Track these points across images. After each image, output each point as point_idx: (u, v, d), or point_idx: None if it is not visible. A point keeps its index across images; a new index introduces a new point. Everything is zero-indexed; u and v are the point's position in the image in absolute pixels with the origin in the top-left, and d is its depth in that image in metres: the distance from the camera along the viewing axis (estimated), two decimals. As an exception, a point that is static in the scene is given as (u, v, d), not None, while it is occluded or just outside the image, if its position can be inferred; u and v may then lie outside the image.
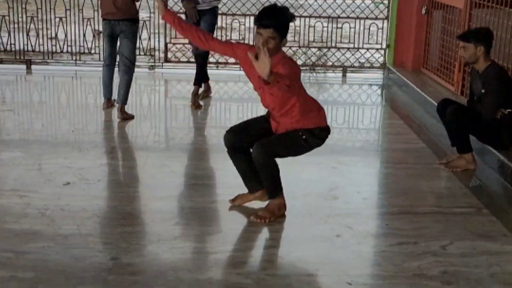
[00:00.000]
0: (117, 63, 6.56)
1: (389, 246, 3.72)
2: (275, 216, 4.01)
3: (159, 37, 9.00)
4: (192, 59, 8.34)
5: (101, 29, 6.92)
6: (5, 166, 4.94)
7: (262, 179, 4.02)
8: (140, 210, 4.26)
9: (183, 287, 3.20)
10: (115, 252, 3.53)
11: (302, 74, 3.95)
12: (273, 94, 3.74)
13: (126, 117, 6.29)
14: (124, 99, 6.32)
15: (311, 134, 3.96)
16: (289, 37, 4.03)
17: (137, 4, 6.41)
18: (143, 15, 8.84)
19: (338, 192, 4.54)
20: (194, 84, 7.07)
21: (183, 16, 7.53)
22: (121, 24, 6.29)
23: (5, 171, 4.81)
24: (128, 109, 6.38)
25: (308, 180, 4.69)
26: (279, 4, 3.92)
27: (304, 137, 3.94)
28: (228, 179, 4.69)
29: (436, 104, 5.46)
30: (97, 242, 3.71)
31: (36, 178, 4.65)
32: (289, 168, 4.29)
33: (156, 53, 9.00)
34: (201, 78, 7.14)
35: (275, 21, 3.73)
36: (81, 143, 5.63)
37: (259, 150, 3.86)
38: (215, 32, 7.25)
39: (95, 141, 5.79)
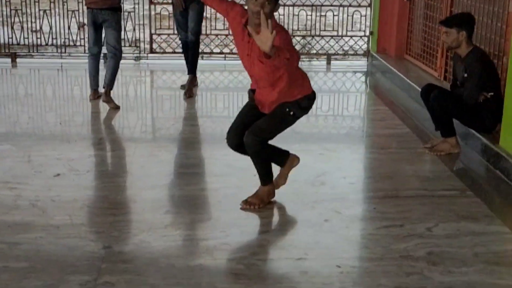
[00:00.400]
0: (102, 55, 6.59)
1: (376, 229, 3.79)
2: (264, 202, 4.05)
3: (144, 28, 9.00)
4: (178, 50, 8.37)
5: (85, 21, 6.93)
6: (-6, 158, 4.97)
7: (254, 166, 4.01)
8: (130, 200, 4.29)
9: (175, 273, 3.24)
10: (107, 241, 3.57)
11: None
12: (263, 62, 3.47)
13: (113, 105, 6.31)
14: (110, 83, 6.34)
15: (298, 107, 3.93)
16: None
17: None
18: (127, 6, 8.86)
19: (325, 178, 4.60)
20: (188, 73, 7.10)
21: (169, 7, 7.54)
22: (104, 13, 6.31)
23: (-6, 164, 4.84)
24: (115, 100, 6.39)
25: (296, 167, 4.73)
26: None
27: (291, 112, 3.92)
28: (216, 167, 4.76)
29: (419, 89, 5.52)
30: (89, 231, 3.74)
31: (26, 170, 4.67)
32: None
33: (141, 44, 9.01)
34: (195, 66, 7.14)
35: None
36: (69, 134, 5.66)
37: (250, 138, 3.86)
38: (203, 21, 7.24)
39: (83, 132, 5.82)
